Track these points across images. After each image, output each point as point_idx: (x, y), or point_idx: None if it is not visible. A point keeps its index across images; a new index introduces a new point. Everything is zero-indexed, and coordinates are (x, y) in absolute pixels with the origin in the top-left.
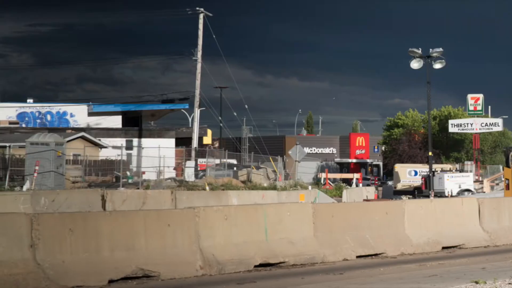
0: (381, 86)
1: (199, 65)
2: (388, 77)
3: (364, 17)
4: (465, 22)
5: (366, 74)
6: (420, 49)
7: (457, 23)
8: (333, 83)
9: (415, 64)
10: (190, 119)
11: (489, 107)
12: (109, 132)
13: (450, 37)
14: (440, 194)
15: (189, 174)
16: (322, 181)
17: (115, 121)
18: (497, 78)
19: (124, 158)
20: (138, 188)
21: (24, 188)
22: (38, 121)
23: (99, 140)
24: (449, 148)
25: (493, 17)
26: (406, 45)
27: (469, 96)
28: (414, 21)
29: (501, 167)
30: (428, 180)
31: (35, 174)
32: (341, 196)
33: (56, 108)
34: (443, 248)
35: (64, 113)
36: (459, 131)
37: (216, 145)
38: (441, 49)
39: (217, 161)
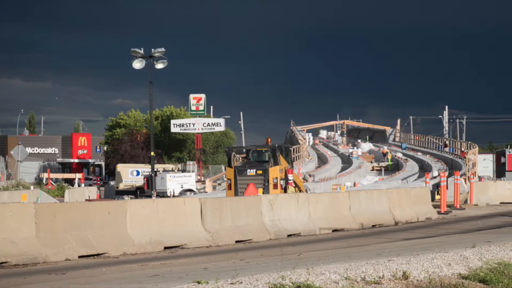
0: (104, 86)
1: None
2: (111, 77)
3: (90, 18)
4: (188, 22)
5: (90, 74)
6: (142, 49)
7: (179, 24)
8: (56, 83)
9: (137, 64)
10: None
11: (211, 107)
12: None
13: (174, 37)
14: (162, 194)
15: None
16: (44, 181)
17: None
18: (220, 78)
19: None
20: None
21: None
22: None
23: None
24: (171, 148)
25: (218, 17)
26: (130, 45)
27: (191, 96)
28: (138, 22)
29: (223, 167)
30: (150, 180)
31: None
32: (63, 196)
33: None
34: (166, 248)
35: None
36: (181, 131)
37: None
38: (163, 49)
39: None
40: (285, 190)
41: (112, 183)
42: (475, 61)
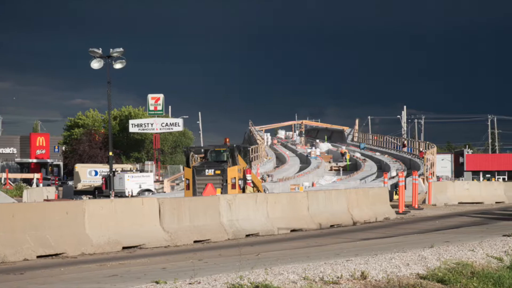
0: (63, 86)
1: None
2: (70, 77)
3: (48, 18)
4: (146, 22)
5: (49, 74)
6: (100, 49)
7: (138, 24)
8: (15, 83)
9: (96, 64)
10: None
11: (170, 107)
12: None
13: (132, 37)
14: (121, 194)
15: None
16: (2, 181)
17: None
18: (178, 78)
19: None
20: None
21: None
22: None
23: None
24: (129, 148)
25: (176, 17)
26: (89, 45)
27: (150, 96)
28: (97, 22)
29: (181, 167)
30: (108, 180)
31: None
32: (21, 196)
33: None
34: (124, 248)
35: None
36: (140, 131)
37: None
38: (121, 49)
39: None
40: (243, 190)
41: (70, 183)
42: (432, 62)
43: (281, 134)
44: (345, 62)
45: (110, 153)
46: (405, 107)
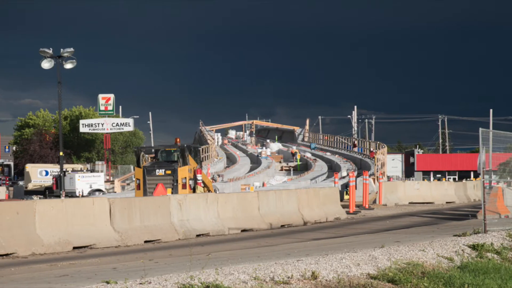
0: (13, 86)
1: None
2: (20, 77)
3: None
4: (97, 22)
5: None
6: (51, 49)
7: (89, 23)
8: None
9: (46, 64)
10: None
11: (120, 107)
12: None
13: (83, 37)
14: (71, 194)
15: None
16: None
17: None
18: (129, 78)
19: None
20: None
21: None
22: None
23: None
24: (80, 148)
25: (126, 17)
26: (40, 45)
27: (100, 96)
28: (47, 21)
29: (132, 167)
30: (59, 180)
31: None
32: None
33: None
34: (75, 248)
35: None
36: (90, 131)
37: None
38: (72, 49)
39: None
40: (194, 190)
41: (21, 183)
42: (381, 62)
43: (232, 134)
44: (296, 62)
45: (61, 153)
46: (355, 107)
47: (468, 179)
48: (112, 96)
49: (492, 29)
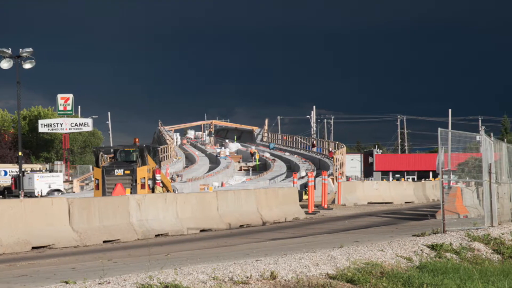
0: None
1: None
2: None
3: None
4: (56, 22)
5: None
6: (10, 49)
7: (48, 23)
8: None
9: (5, 64)
10: None
11: (79, 107)
12: None
13: (42, 37)
14: (30, 194)
15: None
16: None
17: None
18: (88, 78)
19: None
20: None
21: None
22: None
23: None
24: (39, 148)
25: (84, 17)
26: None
27: (59, 96)
28: (5, 21)
29: (91, 167)
30: (18, 180)
31: None
32: None
33: None
34: (34, 248)
35: None
36: (49, 131)
37: None
38: (31, 49)
39: None
40: (152, 190)
41: None
42: (340, 62)
43: (191, 134)
44: (255, 62)
45: (20, 153)
46: (314, 107)
47: (427, 179)
48: (71, 96)
49: (454, 30)
